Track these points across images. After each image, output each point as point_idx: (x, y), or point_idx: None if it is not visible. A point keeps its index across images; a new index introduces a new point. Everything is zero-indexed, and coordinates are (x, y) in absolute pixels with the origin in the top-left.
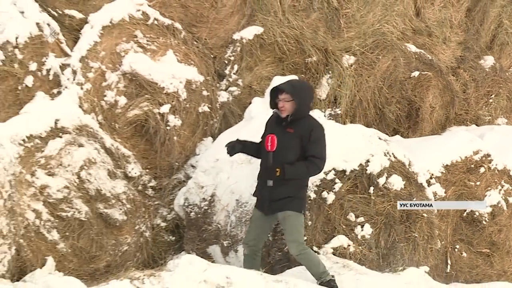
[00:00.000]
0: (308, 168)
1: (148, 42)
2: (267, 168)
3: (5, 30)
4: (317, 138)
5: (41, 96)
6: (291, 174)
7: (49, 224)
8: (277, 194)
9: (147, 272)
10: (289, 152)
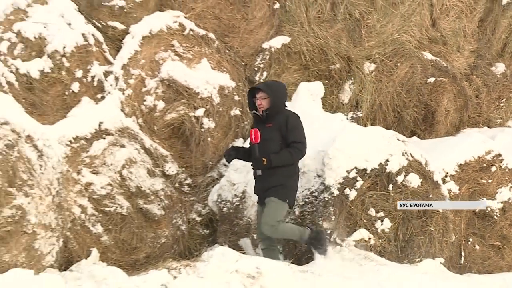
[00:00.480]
0: (292, 154)
1: (184, 51)
2: (255, 159)
3: (53, 40)
4: (293, 126)
5: (86, 100)
6: (277, 162)
7: (94, 218)
8: (267, 184)
9: (183, 263)
10: (272, 144)
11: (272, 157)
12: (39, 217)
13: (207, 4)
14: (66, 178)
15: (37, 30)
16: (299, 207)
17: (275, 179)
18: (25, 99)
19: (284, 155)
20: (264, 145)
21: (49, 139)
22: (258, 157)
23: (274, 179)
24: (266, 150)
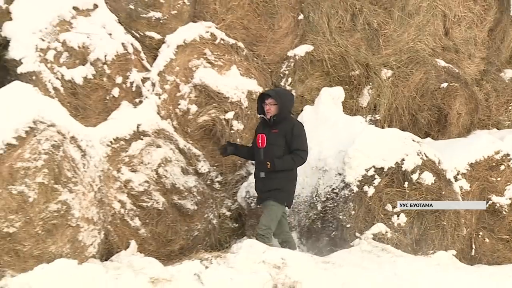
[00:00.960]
0: (294, 160)
1: (215, 59)
2: (259, 162)
3: (96, 49)
4: (298, 134)
5: (126, 104)
6: (280, 166)
7: (132, 213)
8: (268, 186)
9: (214, 254)
10: (276, 149)
11: (276, 162)
12: (82, 212)
13: (237, 16)
14: (107, 176)
15: (81, 40)
16: (321, 202)
17: (276, 183)
18: (70, 103)
19: (287, 161)
20: (268, 149)
21: (91, 140)
22: (263, 160)
23: (276, 182)
24: (270, 154)
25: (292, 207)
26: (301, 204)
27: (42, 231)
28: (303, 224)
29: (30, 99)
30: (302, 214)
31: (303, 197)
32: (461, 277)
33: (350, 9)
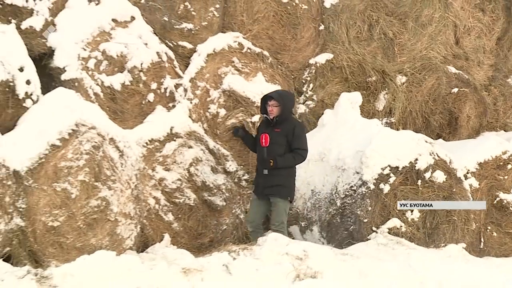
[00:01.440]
0: (295, 158)
1: (242, 66)
2: (263, 159)
3: (133, 57)
4: (299, 134)
5: (160, 108)
6: (282, 164)
7: (166, 208)
8: (270, 182)
9: (242, 246)
10: (278, 147)
11: (278, 160)
12: (120, 207)
13: (262, 26)
14: (142, 174)
15: (119, 49)
16: (340, 199)
17: (278, 179)
18: (109, 108)
19: (288, 159)
20: (271, 148)
21: (128, 141)
22: (266, 158)
23: (277, 178)
24: (273, 152)
25: (313, 203)
26: (321, 201)
27: (84, 225)
28: (323, 219)
29: (73, 104)
30: (323, 210)
31: (323, 194)
32: (470, 269)
33: (367, 20)
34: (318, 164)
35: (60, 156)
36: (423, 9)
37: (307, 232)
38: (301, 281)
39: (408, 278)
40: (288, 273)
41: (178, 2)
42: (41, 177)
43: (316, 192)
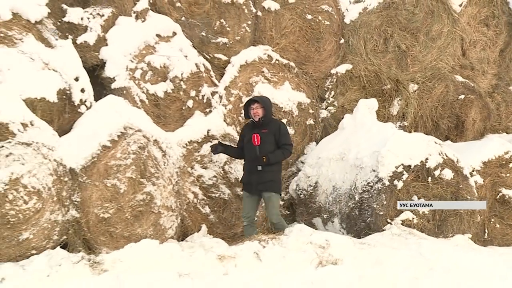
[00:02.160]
0: (284, 153)
1: (271, 76)
2: (256, 157)
3: (174, 68)
4: (284, 131)
5: (198, 113)
6: (273, 159)
7: (203, 202)
8: (264, 178)
9: (270, 236)
10: (269, 145)
11: (270, 156)
12: (163, 201)
13: (289, 40)
14: (182, 172)
15: (162, 61)
16: (359, 194)
17: (270, 175)
18: (153, 113)
19: (279, 154)
20: (262, 146)
21: (170, 142)
22: (259, 156)
23: (269, 174)
24: (264, 150)
25: (334, 198)
26: (341, 195)
27: (131, 217)
28: (343, 212)
29: (122, 110)
30: (343, 204)
31: (343, 190)
32: (475, 257)
33: (383, 34)
34: (339, 163)
35: (110, 156)
36: (433, 25)
37: (329, 224)
38: (323, 267)
39: (419, 265)
40: (311, 260)
41: (215, 19)
42: (94, 174)
43: (336, 188)
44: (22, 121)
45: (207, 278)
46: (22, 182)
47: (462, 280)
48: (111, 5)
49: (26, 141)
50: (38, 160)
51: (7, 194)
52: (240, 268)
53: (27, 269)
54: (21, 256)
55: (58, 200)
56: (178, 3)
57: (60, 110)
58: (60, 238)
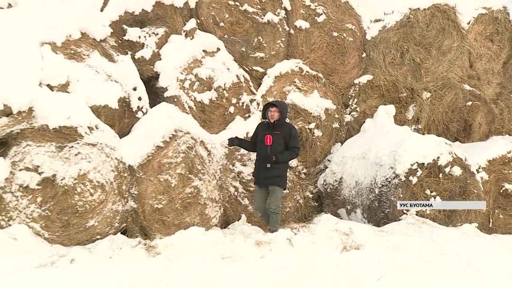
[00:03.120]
0: (291, 155)
1: (302, 85)
2: (266, 156)
3: (218, 79)
4: (294, 136)
5: (238, 118)
6: (282, 159)
7: (243, 195)
8: (270, 174)
9: (301, 224)
10: (278, 146)
11: (279, 156)
12: (208, 194)
13: (317, 55)
14: (225, 168)
15: (207, 73)
16: (378, 188)
17: (277, 171)
18: (200, 118)
19: (286, 155)
20: (273, 146)
21: (214, 143)
22: (269, 155)
23: (276, 171)
24: (274, 150)
25: (357, 191)
26: (363, 189)
27: (180, 207)
28: (365, 204)
29: (173, 115)
30: (364, 196)
31: (365, 184)
32: (481, 243)
33: (399, 49)
34: (361, 161)
35: (163, 155)
36: (444, 40)
37: (352, 214)
38: (347, 252)
39: (432, 250)
40: (337, 246)
41: (253, 37)
42: (149, 170)
43: (359, 183)
44: (88, 125)
45: (246, 261)
46: (88, 177)
47: (470, 263)
48: (164, 25)
49: (92, 142)
50: (102, 158)
51: (76, 187)
52: (275, 252)
53: (93, 251)
54: (88, 240)
55: (118, 192)
56: (221, 23)
57: (120, 116)
58: (120, 225)
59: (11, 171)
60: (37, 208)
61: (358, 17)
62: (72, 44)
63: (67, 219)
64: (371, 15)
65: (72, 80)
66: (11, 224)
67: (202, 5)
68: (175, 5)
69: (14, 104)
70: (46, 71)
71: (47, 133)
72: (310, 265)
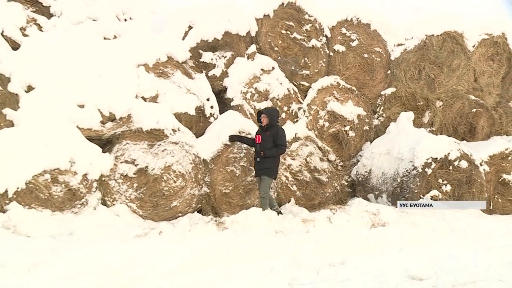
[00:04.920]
0: (277, 151)
1: (339, 96)
2: (257, 152)
3: (273, 91)
4: (281, 135)
5: (289, 122)
6: (269, 154)
7: (292, 182)
8: (261, 166)
9: (338, 206)
10: (268, 144)
11: (267, 152)
12: None
13: (351, 72)
14: None
15: (264, 87)
16: (400, 177)
17: (267, 164)
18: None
19: (273, 151)
20: (262, 144)
21: None
22: (259, 151)
23: (266, 164)
24: (263, 147)
25: (383, 180)
26: (388, 178)
27: (243, 192)
28: (389, 190)
29: (237, 120)
30: (389, 184)
31: (389, 175)
32: (484, 221)
33: (417, 67)
34: (386, 156)
35: (229, 151)
36: (454, 60)
37: (379, 198)
38: (375, 228)
39: (443, 227)
40: (367, 223)
41: (300, 58)
42: (219, 163)
43: (384, 173)
44: (172, 128)
45: (295, 234)
46: (172, 168)
47: (475, 238)
48: (231, 50)
49: (175, 141)
50: (182, 153)
51: (163, 176)
52: (318, 227)
53: (176, 226)
54: (172, 217)
55: (195, 180)
56: (276, 48)
57: (196, 120)
58: (197, 205)
59: (115, 163)
60: (134, 192)
61: (384, 42)
62: (160, 65)
63: (156, 201)
64: (395, 40)
65: (160, 93)
66: (114, 204)
67: (261, 34)
68: (239, 34)
69: (117, 112)
70: (141, 86)
71: (141, 134)
72: (345, 238)
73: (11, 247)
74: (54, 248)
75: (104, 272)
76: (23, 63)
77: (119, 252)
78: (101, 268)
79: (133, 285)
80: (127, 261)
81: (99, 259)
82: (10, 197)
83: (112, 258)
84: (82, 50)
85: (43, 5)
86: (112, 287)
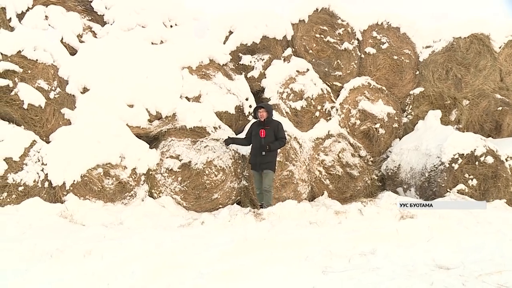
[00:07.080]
0: (280, 143)
1: (370, 96)
2: (261, 145)
3: (307, 91)
4: (281, 129)
5: (322, 120)
6: (273, 147)
7: (325, 176)
8: (265, 160)
9: (369, 199)
10: (270, 138)
11: (271, 145)
12: (299, 175)
13: (382, 73)
14: (312, 157)
15: (299, 87)
16: (427, 172)
17: (269, 158)
18: (293, 120)
19: (276, 144)
20: (266, 138)
21: (304, 138)
22: (264, 144)
23: (270, 157)
24: (267, 141)
25: (411, 175)
26: (416, 173)
27: (279, 185)
28: (417, 184)
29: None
30: (417, 179)
31: (417, 169)
32: (508, 214)
33: (445, 68)
34: (414, 152)
35: None
36: (480, 61)
37: (408, 192)
38: (404, 220)
39: (469, 219)
40: (396, 215)
41: (333, 60)
42: None
43: (413, 168)
44: (214, 125)
45: (328, 225)
46: (213, 163)
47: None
48: (268, 53)
49: (216, 137)
50: (223, 149)
51: (205, 170)
52: (349, 219)
53: (217, 216)
54: (213, 208)
55: (235, 174)
56: (310, 51)
57: (236, 119)
58: (236, 198)
59: (161, 158)
60: (178, 185)
61: (413, 44)
62: (203, 67)
63: (199, 193)
64: (423, 43)
65: (202, 93)
66: (160, 196)
67: (296, 37)
68: (276, 38)
69: (163, 111)
70: (185, 87)
71: (185, 131)
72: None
73: (68, 234)
74: (106, 236)
75: (151, 258)
76: (79, 67)
77: (165, 240)
78: (148, 255)
79: (178, 271)
80: (172, 249)
81: (146, 246)
82: (67, 189)
83: (158, 245)
84: (131, 55)
85: (98, 14)
86: (158, 272)
